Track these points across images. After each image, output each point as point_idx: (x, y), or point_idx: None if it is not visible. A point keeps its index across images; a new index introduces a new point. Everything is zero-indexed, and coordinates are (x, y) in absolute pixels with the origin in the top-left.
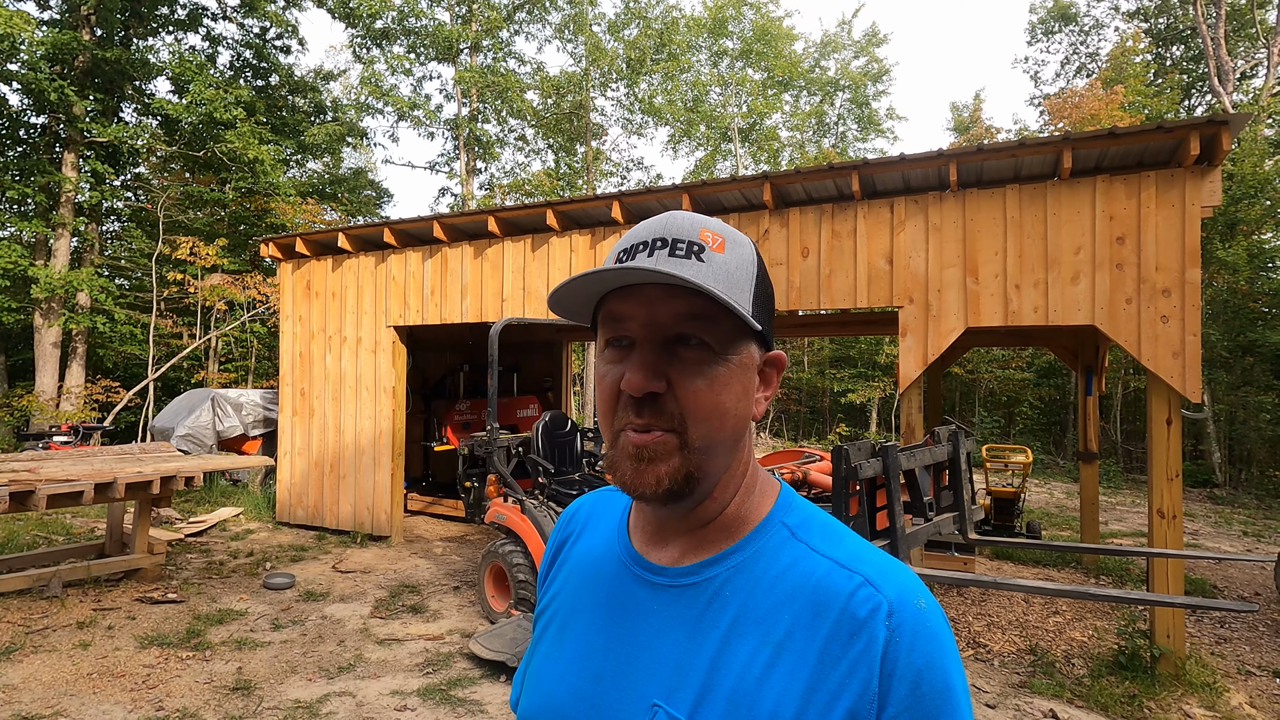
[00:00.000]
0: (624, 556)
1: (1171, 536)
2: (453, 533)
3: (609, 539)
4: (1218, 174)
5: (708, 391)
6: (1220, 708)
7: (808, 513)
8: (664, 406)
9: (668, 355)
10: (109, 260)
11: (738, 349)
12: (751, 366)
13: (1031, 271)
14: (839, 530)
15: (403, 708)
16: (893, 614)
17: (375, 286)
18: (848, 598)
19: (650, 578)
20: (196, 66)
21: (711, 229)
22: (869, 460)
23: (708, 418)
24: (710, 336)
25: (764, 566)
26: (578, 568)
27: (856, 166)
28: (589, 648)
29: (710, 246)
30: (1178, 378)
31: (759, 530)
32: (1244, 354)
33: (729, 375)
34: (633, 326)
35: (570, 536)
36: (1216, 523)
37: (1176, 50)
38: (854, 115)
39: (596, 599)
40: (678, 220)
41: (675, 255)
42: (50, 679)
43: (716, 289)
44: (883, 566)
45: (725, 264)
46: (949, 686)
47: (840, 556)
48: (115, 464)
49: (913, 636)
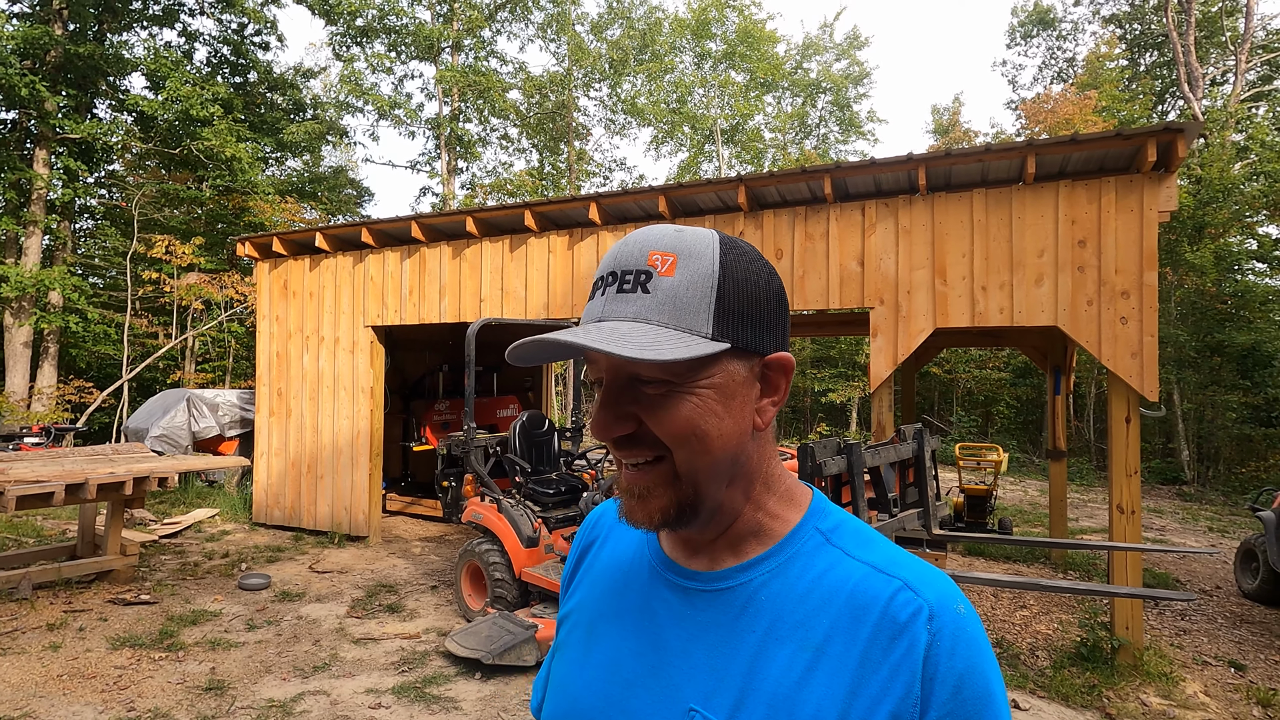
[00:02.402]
0: (654, 562)
1: (1130, 531)
2: (431, 533)
3: (638, 544)
4: (1174, 180)
5: (677, 422)
6: (1176, 696)
7: (840, 518)
8: (641, 439)
9: (633, 395)
10: (82, 259)
11: (706, 374)
12: (734, 383)
13: (997, 274)
14: (872, 535)
15: (377, 705)
16: (934, 618)
17: (353, 286)
18: (887, 601)
19: (683, 583)
20: (172, 63)
21: (662, 249)
22: (834, 458)
23: (687, 444)
24: (664, 372)
25: (799, 571)
26: (605, 572)
27: (829, 170)
28: (619, 653)
29: (659, 270)
30: (1136, 377)
31: (793, 536)
32: (1212, 354)
33: (699, 402)
34: (599, 369)
35: (596, 541)
36: (1184, 519)
37: (1150, 56)
38: (836, 117)
39: (626, 604)
40: (629, 247)
41: (623, 290)
42: (19, 680)
43: (658, 319)
44: (920, 571)
45: (673, 288)
46: (989, 691)
47: (876, 561)
48: (87, 465)
49: (954, 641)
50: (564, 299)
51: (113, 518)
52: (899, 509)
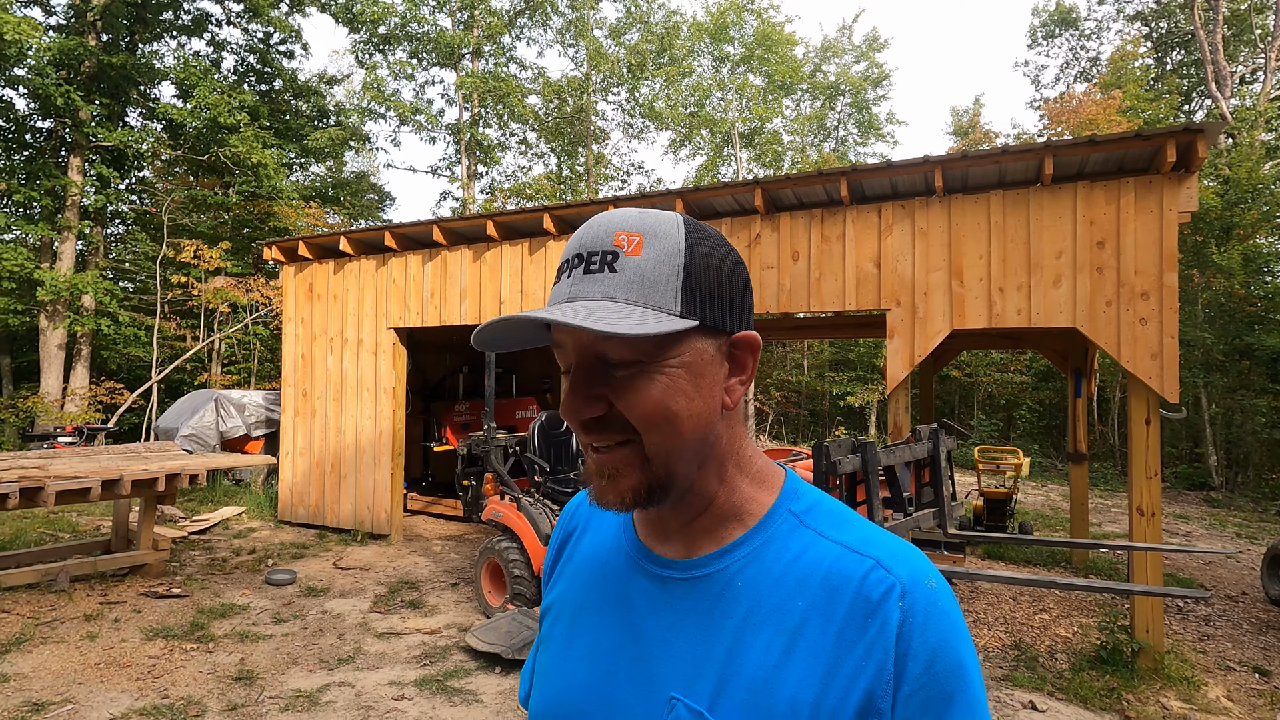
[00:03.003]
0: (631, 551)
1: (1151, 533)
2: (451, 532)
3: (615, 534)
4: (1194, 180)
5: (647, 403)
6: (1197, 700)
7: (814, 498)
8: (611, 422)
9: (602, 376)
10: (113, 263)
11: (675, 352)
12: (703, 361)
13: (1015, 275)
14: (847, 515)
15: (400, 697)
16: (905, 594)
17: (376, 289)
18: (860, 581)
19: (660, 571)
20: (201, 71)
21: (628, 229)
22: (848, 456)
23: (657, 426)
24: (633, 352)
25: (774, 555)
26: (584, 563)
27: (845, 173)
28: (600, 643)
29: (625, 250)
30: (1156, 378)
31: (767, 519)
32: (1241, 357)
33: (669, 382)
34: (567, 355)
35: (574, 532)
36: (1211, 525)
37: (1176, 55)
38: (854, 120)
39: (605, 595)
40: (594, 229)
41: (590, 271)
42: (59, 668)
43: (626, 298)
44: (893, 548)
45: (640, 267)
46: (961, 663)
47: (850, 541)
48: (122, 462)
49: (925, 616)
50: None
51: (145, 514)
52: (914, 508)
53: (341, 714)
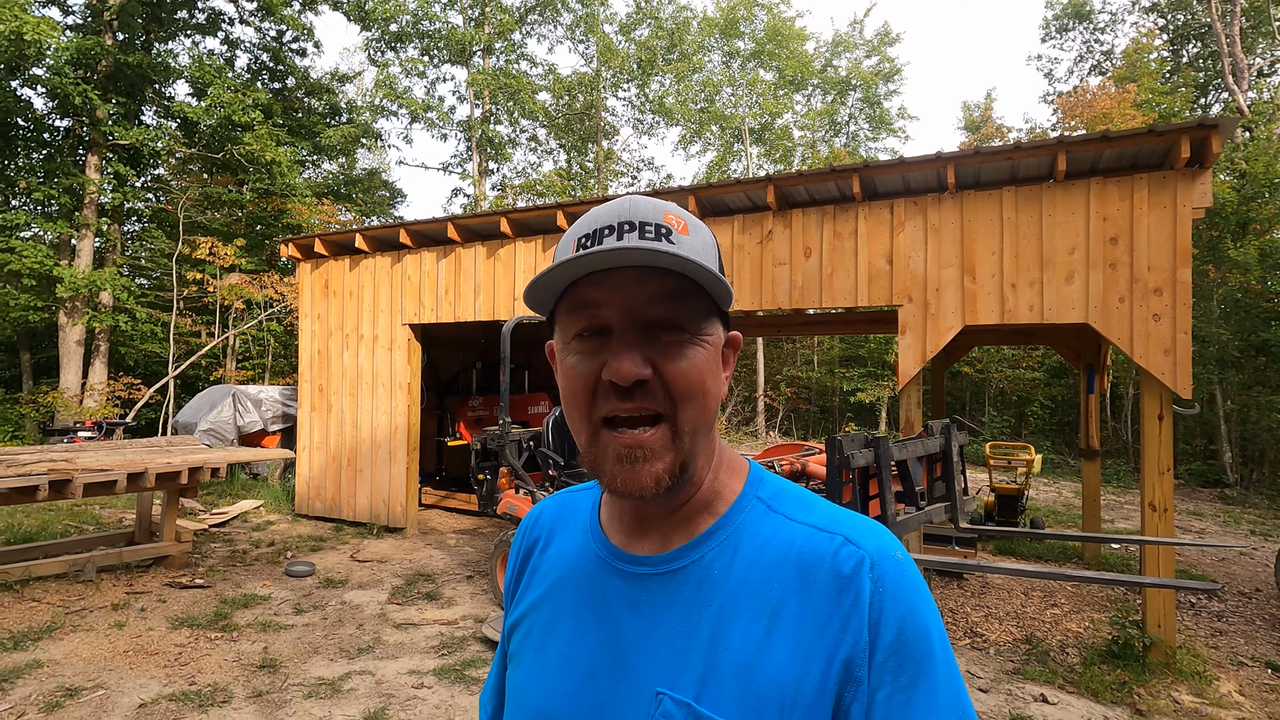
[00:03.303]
0: (602, 553)
1: (1163, 528)
2: (465, 525)
3: (583, 538)
4: (1208, 176)
5: (692, 373)
6: (1209, 695)
7: (779, 485)
8: (652, 391)
9: (649, 340)
10: (130, 260)
11: (710, 329)
12: (719, 346)
13: (1027, 271)
14: (811, 498)
15: (420, 685)
16: (874, 566)
17: (391, 285)
18: (832, 557)
19: (634, 569)
20: (215, 70)
21: (674, 212)
22: (861, 450)
23: (694, 399)
24: (685, 317)
25: (747, 541)
26: (552, 572)
27: (858, 169)
28: (578, 649)
29: (676, 229)
30: (1169, 374)
31: (736, 507)
32: (1256, 353)
33: (706, 356)
34: (608, 313)
35: (537, 543)
36: (1225, 522)
37: (1192, 47)
38: (866, 115)
39: (579, 600)
40: (640, 204)
41: (646, 238)
42: (89, 655)
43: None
44: (858, 525)
45: (692, 244)
46: (928, 629)
47: (817, 521)
48: (146, 455)
49: (895, 586)
50: None
51: (168, 506)
52: (926, 502)
53: (364, 701)
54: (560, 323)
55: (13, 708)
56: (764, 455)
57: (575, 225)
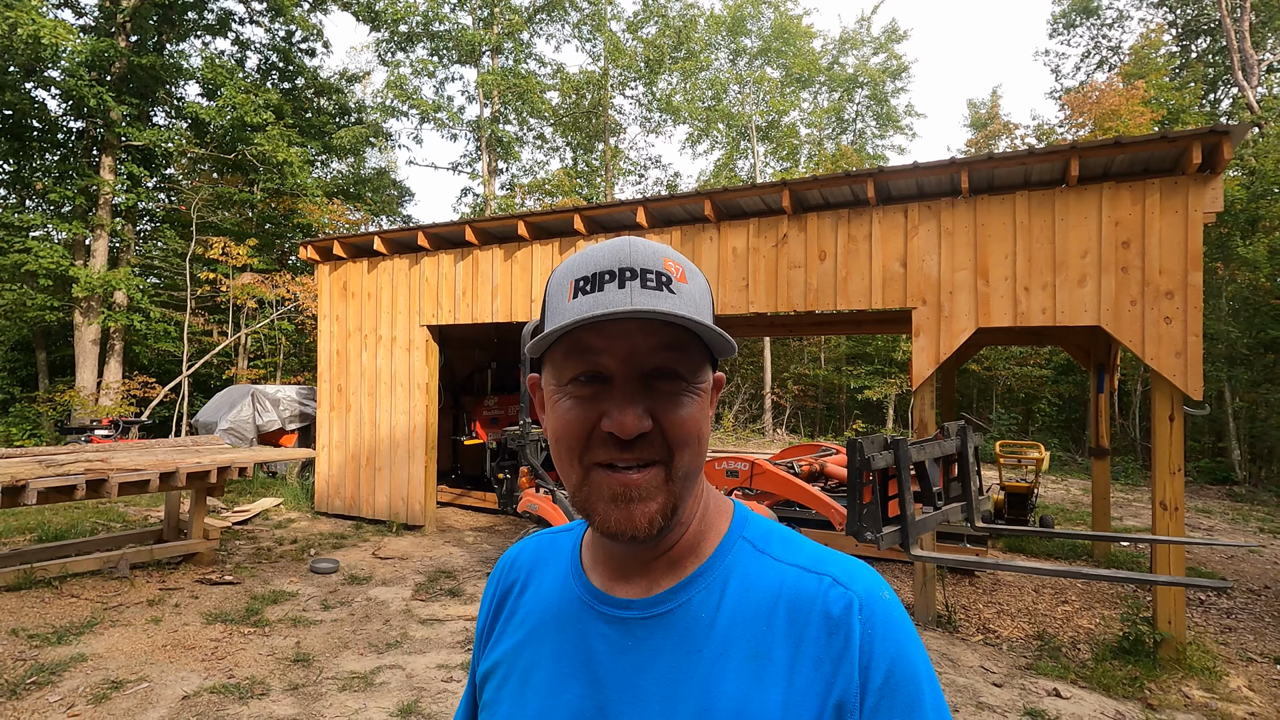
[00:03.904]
0: (585, 597)
1: (1174, 527)
2: (481, 523)
3: (564, 582)
4: (1219, 181)
5: (690, 422)
6: (1219, 690)
7: (764, 526)
8: (651, 440)
9: (646, 390)
10: (143, 260)
11: (704, 376)
12: (709, 392)
13: (1040, 274)
14: (796, 538)
15: (449, 679)
16: (863, 608)
17: (409, 287)
18: (821, 598)
19: (619, 614)
20: (227, 71)
21: (672, 259)
22: (881, 452)
23: (689, 446)
24: (684, 367)
25: (734, 583)
26: (530, 617)
27: (872, 174)
28: (558, 699)
29: (675, 277)
30: (1180, 376)
31: (722, 549)
32: (1265, 351)
33: (700, 403)
34: (608, 361)
35: (514, 586)
36: (1234, 519)
37: (1201, 42)
38: (873, 112)
39: (560, 646)
40: (640, 249)
41: (647, 287)
42: (130, 649)
43: (694, 317)
44: (846, 565)
45: (691, 294)
46: (915, 670)
47: (804, 561)
48: (176, 455)
49: (884, 628)
50: None
51: (197, 504)
52: (943, 502)
53: (396, 694)
54: (554, 364)
55: (63, 699)
56: (781, 456)
57: (570, 263)
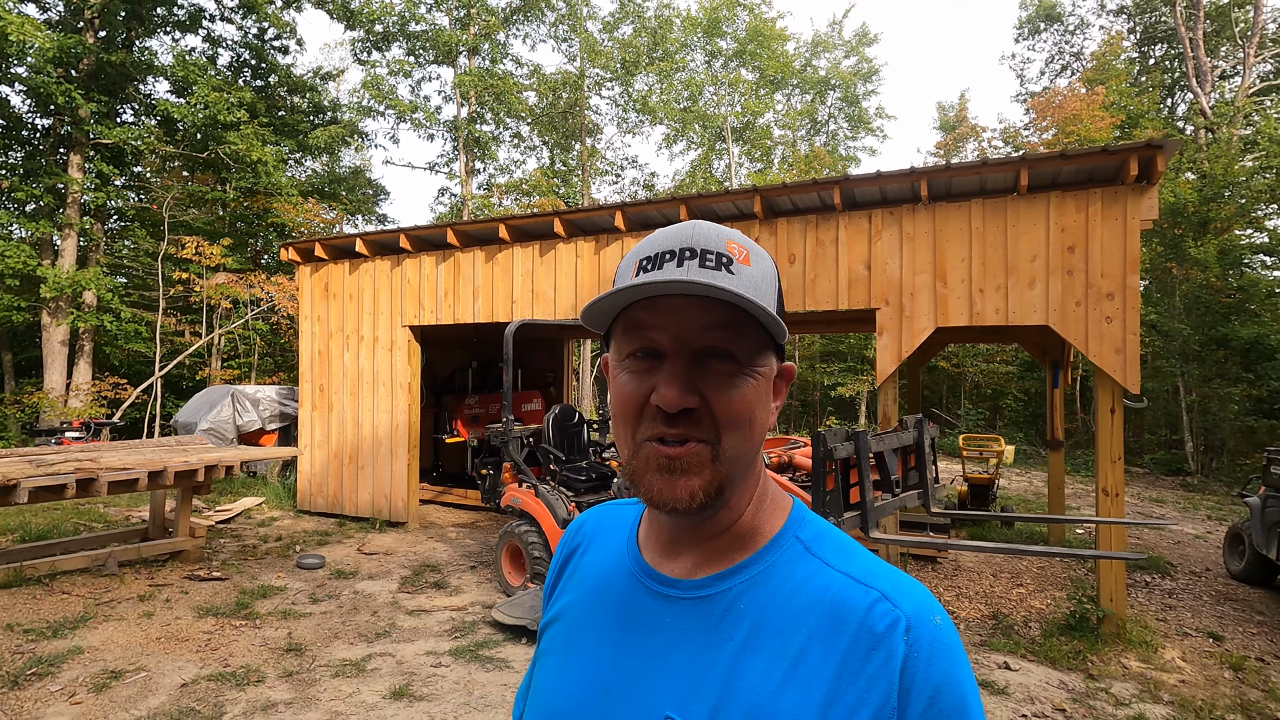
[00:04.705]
0: (635, 569)
1: (1115, 511)
2: (464, 519)
3: (619, 552)
4: (1154, 191)
5: (740, 403)
6: (1154, 661)
7: (821, 527)
8: (699, 419)
9: (699, 368)
10: (113, 259)
11: (763, 360)
12: (769, 378)
13: (994, 277)
14: (852, 546)
15: (438, 664)
16: (910, 629)
17: (391, 288)
18: (865, 612)
19: (663, 590)
20: (198, 68)
21: (737, 241)
22: (843, 444)
23: (740, 428)
24: (738, 348)
25: (779, 580)
26: (586, 580)
27: (839, 181)
28: (598, 661)
29: (737, 259)
30: (1119, 371)
31: (773, 544)
32: (1216, 347)
33: (756, 387)
34: (661, 338)
35: (578, 548)
36: (1185, 508)
37: (1159, 49)
38: (845, 114)
39: (606, 612)
40: (704, 231)
41: (706, 266)
42: (125, 642)
43: (751, 296)
44: (898, 582)
45: (752, 276)
46: (964, 702)
47: (855, 571)
48: (163, 455)
49: (930, 652)
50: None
51: (183, 503)
52: (901, 490)
53: (388, 679)
54: (616, 340)
55: (64, 688)
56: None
57: (638, 246)
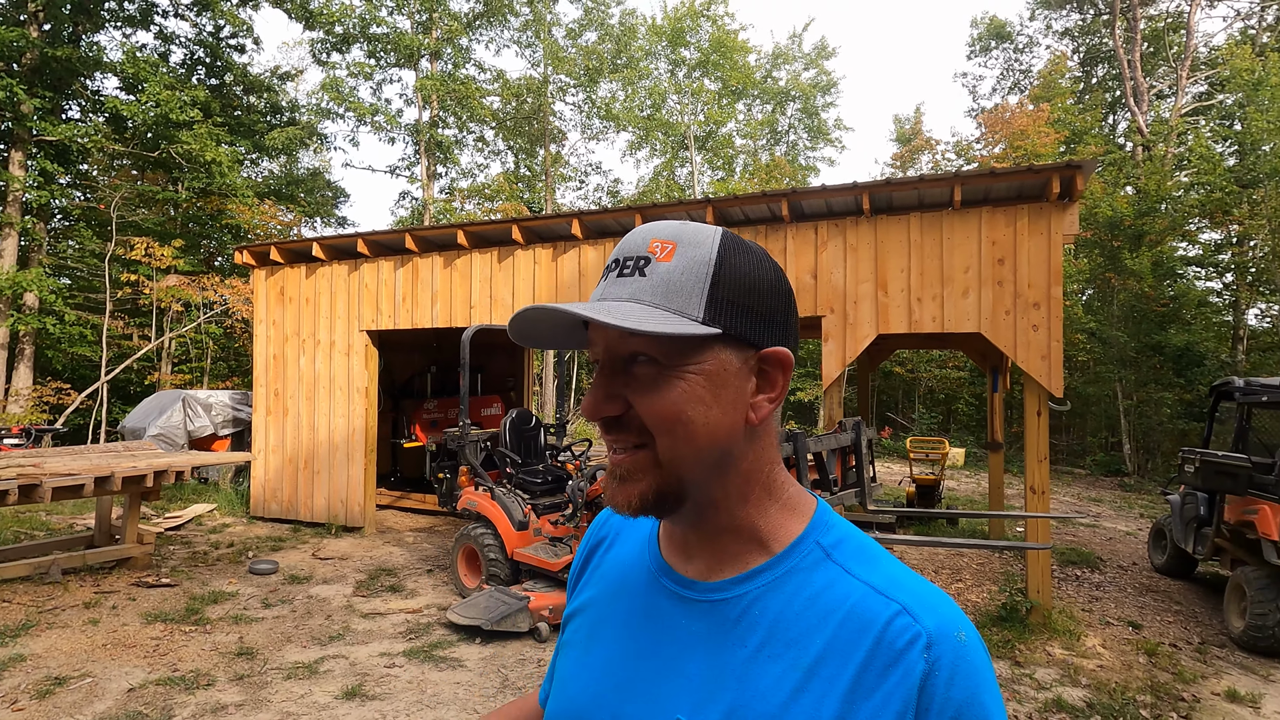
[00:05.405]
0: (653, 567)
1: (1041, 507)
2: (421, 524)
3: (640, 548)
4: (1075, 208)
5: (661, 405)
6: (1077, 649)
7: (844, 532)
8: (627, 424)
9: (624, 376)
10: (57, 260)
11: (694, 358)
12: (726, 372)
13: (931, 286)
14: (876, 552)
15: (392, 665)
16: (932, 646)
17: (349, 293)
18: (884, 626)
19: (679, 591)
20: (150, 65)
21: (663, 237)
22: (782, 444)
23: (670, 430)
24: (655, 351)
25: (796, 587)
26: (609, 574)
27: (786, 194)
28: (615, 657)
29: (657, 256)
30: (1045, 376)
31: (792, 549)
32: (1151, 354)
33: (687, 387)
34: (597, 350)
35: (604, 541)
36: (1120, 506)
37: (1101, 70)
38: (804, 125)
39: (625, 608)
40: (634, 237)
41: (623, 275)
42: (70, 649)
43: (650, 300)
44: (921, 595)
45: (668, 272)
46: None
47: (877, 582)
48: (111, 460)
49: (952, 671)
50: None
51: (131, 509)
52: (838, 488)
53: (341, 680)
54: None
55: (5, 695)
56: None
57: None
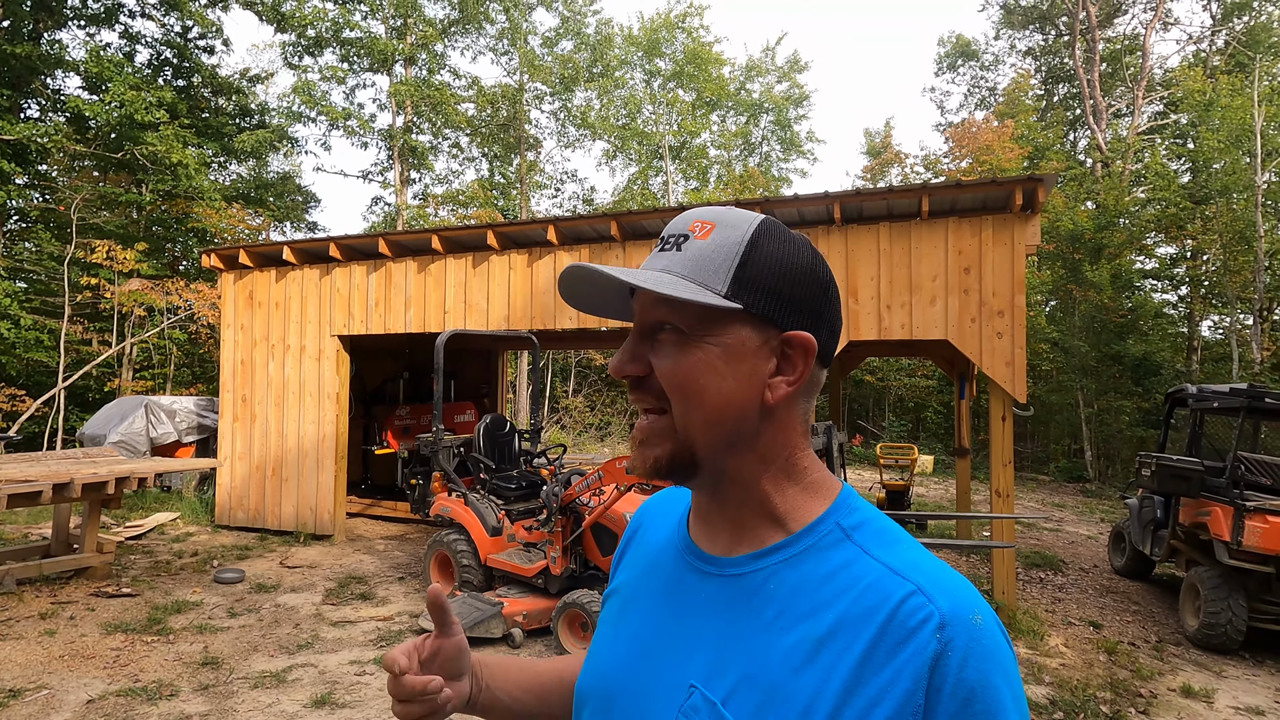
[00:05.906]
0: (680, 546)
1: (1005, 509)
2: (393, 532)
3: (671, 529)
4: (1037, 219)
5: (676, 370)
6: (1040, 648)
7: (866, 515)
8: (650, 387)
9: (650, 341)
10: (12, 263)
11: (715, 331)
12: (744, 349)
13: (899, 294)
14: (896, 535)
15: (362, 673)
16: (945, 627)
17: (320, 297)
18: (897, 605)
19: (701, 566)
20: (114, 65)
21: (705, 218)
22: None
23: (683, 396)
24: (678, 319)
25: (813, 564)
26: (642, 555)
27: (759, 203)
28: (643, 628)
29: (695, 235)
30: (1008, 383)
31: (812, 528)
32: (1111, 363)
33: (705, 357)
34: (636, 318)
35: (640, 527)
36: (1082, 512)
37: (1063, 88)
38: (777, 136)
39: (655, 584)
40: (681, 218)
41: (664, 250)
42: (25, 660)
43: (679, 272)
44: (937, 576)
45: (701, 249)
46: (1003, 708)
47: (894, 563)
48: (70, 466)
49: (966, 653)
50: (523, 312)
51: (90, 517)
52: None
53: (309, 689)
54: None
55: None
56: None
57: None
